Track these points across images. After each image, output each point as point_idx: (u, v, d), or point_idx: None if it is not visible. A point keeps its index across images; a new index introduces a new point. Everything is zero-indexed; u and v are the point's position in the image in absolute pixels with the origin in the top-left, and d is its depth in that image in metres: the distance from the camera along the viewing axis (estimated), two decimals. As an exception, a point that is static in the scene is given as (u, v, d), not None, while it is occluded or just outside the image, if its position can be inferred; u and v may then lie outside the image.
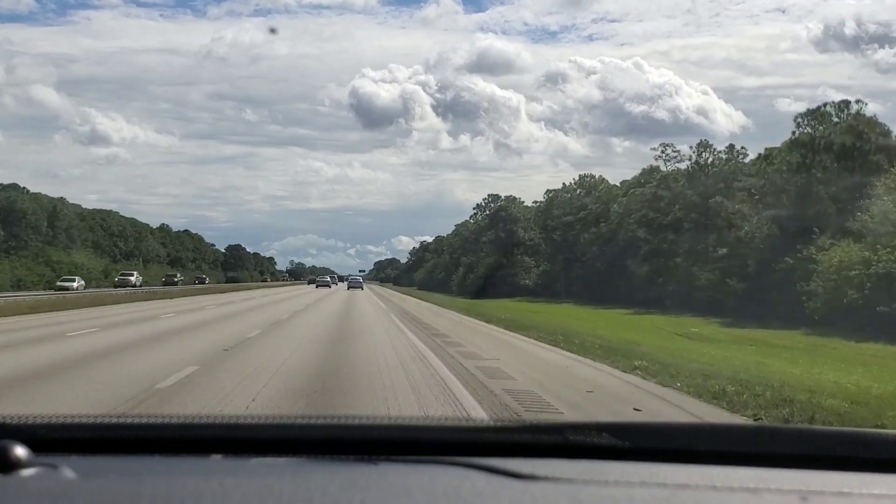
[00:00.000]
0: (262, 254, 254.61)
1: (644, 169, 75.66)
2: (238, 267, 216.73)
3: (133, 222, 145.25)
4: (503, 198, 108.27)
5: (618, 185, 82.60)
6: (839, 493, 1.61)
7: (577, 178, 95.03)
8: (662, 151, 71.00)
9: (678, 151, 70.97)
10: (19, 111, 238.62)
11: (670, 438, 1.93)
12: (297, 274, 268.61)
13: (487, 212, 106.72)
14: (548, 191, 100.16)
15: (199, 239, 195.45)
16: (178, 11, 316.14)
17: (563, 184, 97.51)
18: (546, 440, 1.87)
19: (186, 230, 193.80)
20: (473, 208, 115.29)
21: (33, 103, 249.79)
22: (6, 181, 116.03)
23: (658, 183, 66.92)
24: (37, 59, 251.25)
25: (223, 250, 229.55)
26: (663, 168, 71.06)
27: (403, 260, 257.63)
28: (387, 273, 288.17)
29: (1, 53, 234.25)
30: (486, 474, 1.64)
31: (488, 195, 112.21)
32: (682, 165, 69.63)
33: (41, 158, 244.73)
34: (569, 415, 10.13)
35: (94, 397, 10.95)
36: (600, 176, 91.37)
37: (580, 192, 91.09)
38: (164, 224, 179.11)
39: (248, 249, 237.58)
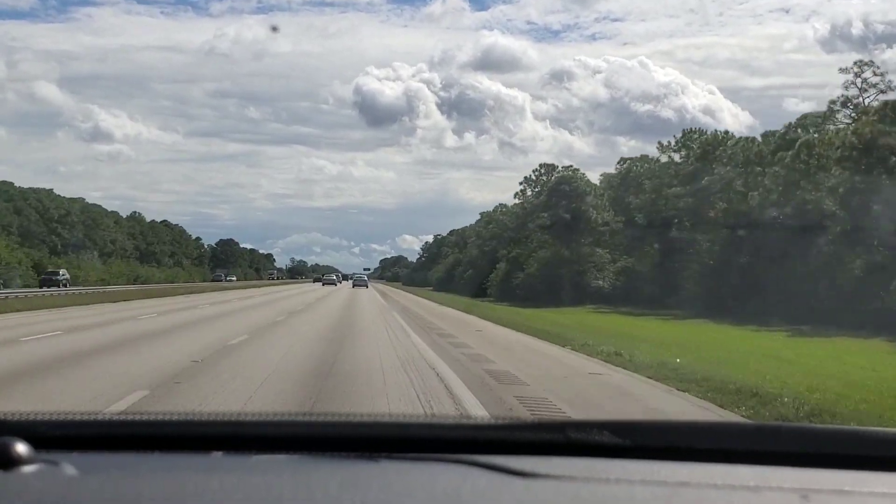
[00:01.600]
0: (259, 250, 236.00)
1: (831, 104, 48.11)
2: (229, 264, 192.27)
3: (85, 206, 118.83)
4: (560, 168, 78.27)
5: (757, 137, 54.69)
6: (840, 492, 1.61)
7: (678, 136, 64.80)
8: (858, 74, 44.31)
9: (882, 74, 44.12)
10: (21, 108, 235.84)
11: (671, 436, 1.92)
12: (298, 272, 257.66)
13: (539, 187, 78.82)
14: (622, 159, 73.21)
15: (181, 231, 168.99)
16: (178, 9, 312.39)
17: (659, 143, 67.78)
18: (547, 438, 1.86)
19: (165, 220, 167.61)
20: (520, 183, 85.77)
21: (36, 100, 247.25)
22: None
23: (879, 116, 37.41)
24: (38, 56, 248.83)
25: (215, 245, 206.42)
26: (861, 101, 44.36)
27: (411, 258, 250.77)
28: (394, 271, 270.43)
29: (2, 49, 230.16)
30: (487, 472, 1.63)
31: (541, 165, 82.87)
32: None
33: (43, 155, 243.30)
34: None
35: None
36: (720, 131, 61.18)
37: (687, 156, 61.37)
38: (135, 212, 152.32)
39: (242, 245, 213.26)
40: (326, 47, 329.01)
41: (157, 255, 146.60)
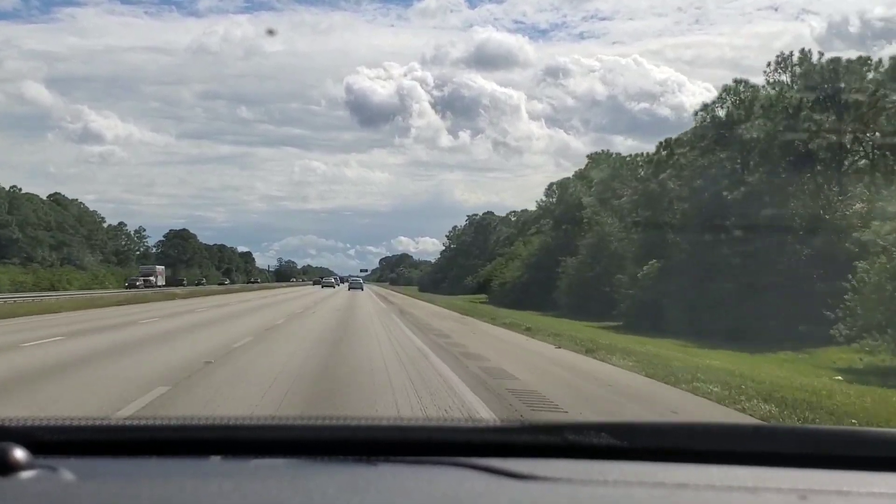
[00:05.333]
0: (238, 248, 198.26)
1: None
2: (181, 263, 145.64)
3: None
4: None
5: None
6: (838, 492, 1.60)
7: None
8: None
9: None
10: (9, 109, 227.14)
11: (669, 438, 1.90)
12: (287, 274, 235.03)
13: None
14: None
15: (81, 212, 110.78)
16: (162, 9, 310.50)
17: None
18: (545, 440, 1.85)
19: (56, 193, 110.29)
20: None
21: (25, 101, 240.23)
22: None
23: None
24: (24, 56, 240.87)
25: (164, 238, 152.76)
26: None
27: (418, 258, 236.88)
28: (398, 272, 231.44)
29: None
30: (485, 474, 1.63)
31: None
32: None
33: (35, 158, 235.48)
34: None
35: None
36: None
37: None
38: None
39: (199, 239, 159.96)
40: (315, 47, 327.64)
41: (23, 246, 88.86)
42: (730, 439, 1.90)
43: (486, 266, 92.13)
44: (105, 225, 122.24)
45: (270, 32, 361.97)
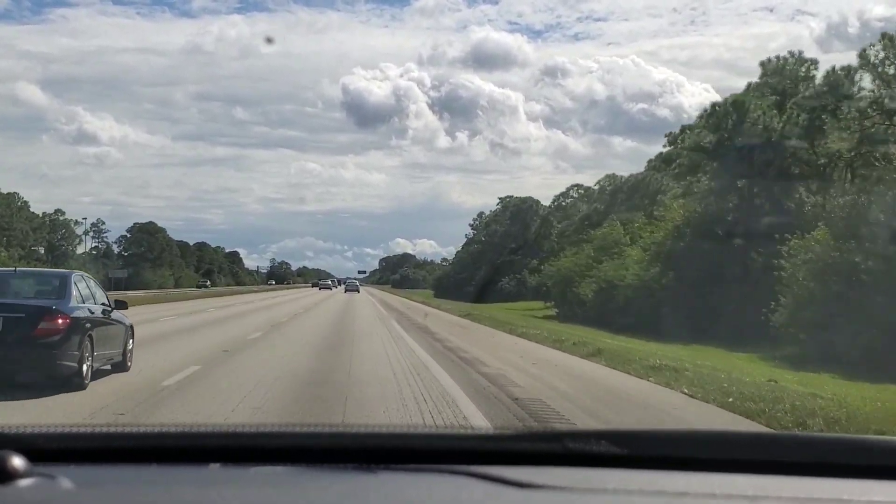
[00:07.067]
0: (225, 248, 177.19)
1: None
2: (146, 262, 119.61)
3: None
4: None
5: None
6: (838, 500, 1.60)
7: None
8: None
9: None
10: (4, 111, 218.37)
11: (669, 446, 1.90)
12: (280, 276, 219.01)
13: None
14: None
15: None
16: (154, 10, 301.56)
17: None
18: (545, 448, 1.84)
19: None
20: None
21: (19, 103, 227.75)
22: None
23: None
24: (17, 56, 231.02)
25: (127, 233, 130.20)
26: None
27: (420, 258, 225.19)
28: (402, 273, 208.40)
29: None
30: (484, 482, 1.62)
31: None
32: None
33: (30, 160, 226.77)
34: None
35: None
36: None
37: None
38: None
39: (170, 234, 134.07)
40: (310, 48, 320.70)
41: None
42: (730, 447, 1.88)
43: (531, 262, 65.57)
44: (34, 213, 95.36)
45: (269, 41, 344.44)
